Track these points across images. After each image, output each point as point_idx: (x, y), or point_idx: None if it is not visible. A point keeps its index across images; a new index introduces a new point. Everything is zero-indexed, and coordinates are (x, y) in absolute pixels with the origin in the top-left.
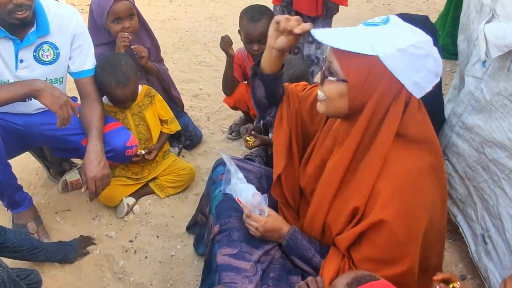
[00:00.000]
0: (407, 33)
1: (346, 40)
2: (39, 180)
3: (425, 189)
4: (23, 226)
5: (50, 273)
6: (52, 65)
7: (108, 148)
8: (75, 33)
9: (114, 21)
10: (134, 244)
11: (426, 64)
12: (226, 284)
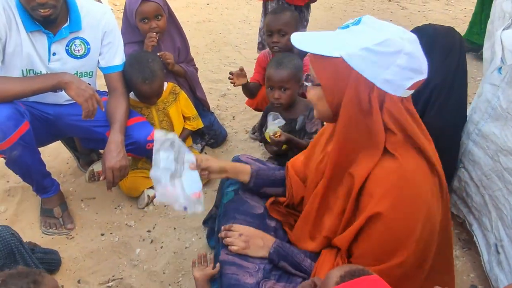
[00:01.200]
0: (375, 32)
1: (315, 44)
2: (69, 169)
3: (418, 183)
4: (49, 211)
5: (71, 255)
6: (83, 60)
7: (130, 140)
8: (105, 30)
9: (141, 21)
10: (151, 234)
11: (396, 61)
12: (227, 275)
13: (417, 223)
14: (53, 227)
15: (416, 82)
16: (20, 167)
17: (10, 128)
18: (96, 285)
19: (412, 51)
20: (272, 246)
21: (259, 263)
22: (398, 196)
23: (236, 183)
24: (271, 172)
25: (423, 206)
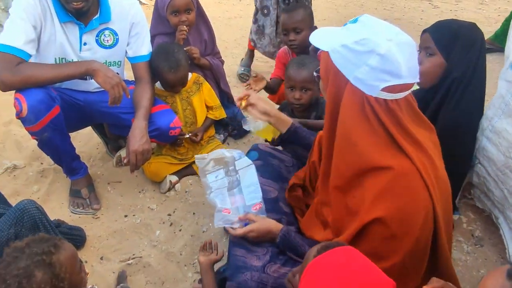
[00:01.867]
0: (361, 30)
1: (317, 37)
2: (98, 154)
3: (412, 186)
4: (78, 192)
5: (96, 234)
6: (112, 49)
7: (153, 127)
8: (133, 21)
9: (172, 14)
10: (171, 217)
11: (367, 60)
12: (236, 256)
13: (415, 225)
14: (80, 207)
15: (396, 85)
16: (51, 149)
17: (42, 111)
18: (117, 262)
19: (386, 53)
20: (279, 235)
21: (268, 246)
22: (393, 199)
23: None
24: (307, 135)
25: (420, 208)
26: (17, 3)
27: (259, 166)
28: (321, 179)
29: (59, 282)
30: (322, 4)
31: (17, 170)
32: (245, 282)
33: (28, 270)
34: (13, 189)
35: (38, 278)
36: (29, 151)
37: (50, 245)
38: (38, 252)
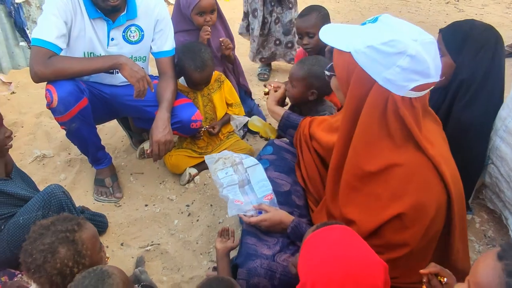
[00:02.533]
0: (387, 30)
1: (333, 36)
2: (123, 146)
3: (426, 181)
4: (102, 181)
5: (117, 221)
6: (138, 45)
7: (175, 119)
8: (158, 18)
9: (198, 14)
10: (189, 208)
11: (398, 61)
12: (247, 244)
13: (427, 217)
14: (104, 195)
15: (423, 84)
16: (78, 138)
17: (71, 102)
18: (137, 248)
19: (416, 54)
20: (290, 225)
21: (279, 237)
22: (409, 195)
23: (265, 164)
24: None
25: (433, 202)
26: (50, 1)
27: (273, 160)
28: (332, 176)
29: (80, 259)
30: (346, 6)
31: (46, 159)
32: (254, 269)
33: (52, 246)
34: (42, 176)
35: (61, 253)
36: (58, 141)
37: (73, 224)
38: (62, 230)
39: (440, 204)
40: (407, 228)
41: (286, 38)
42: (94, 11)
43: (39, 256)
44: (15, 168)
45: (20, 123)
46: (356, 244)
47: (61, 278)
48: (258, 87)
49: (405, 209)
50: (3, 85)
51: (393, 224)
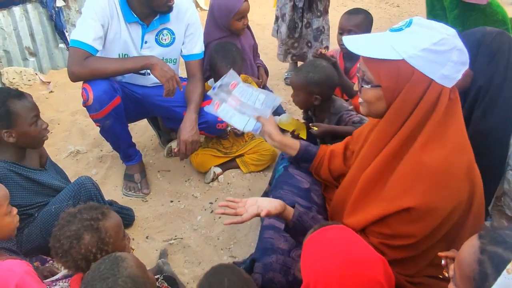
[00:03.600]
0: (429, 32)
1: (372, 48)
2: (152, 145)
3: (450, 182)
4: (131, 176)
5: (143, 215)
6: (169, 48)
7: (202, 120)
8: (189, 22)
9: (238, 19)
10: (212, 205)
11: (451, 57)
12: (265, 239)
13: (439, 217)
14: (132, 190)
15: (463, 73)
16: (111, 135)
17: (105, 100)
18: (161, 242)
19: (462, 47)
20: (292, 220)
21: None
22: (430, 192)
23: (286, 162)
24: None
25: (449, 202)
26: (88, 5)
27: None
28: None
29: (104, 245)
30: (376, 14)
31: (79, 154)
32: (270, 264)
33: (78, 232)
34: (75, 171)
35: (86, 240)
36: (91, 138)
37: (98, 213)
38: (88, 218)
39: (456, 204)
40: (415, 222)
41: (315, 43)
42: (131, 15)
43: (66, 241)
44: (49, 160)
45: (56, 121)
46: (353, 241)
47: (85, 263)
48: (285, 91)
49: (414, 204)
50: (43, 85)
51: (401, 216)
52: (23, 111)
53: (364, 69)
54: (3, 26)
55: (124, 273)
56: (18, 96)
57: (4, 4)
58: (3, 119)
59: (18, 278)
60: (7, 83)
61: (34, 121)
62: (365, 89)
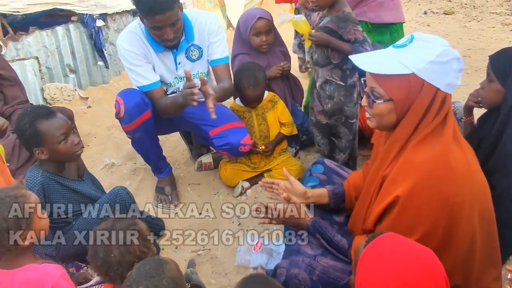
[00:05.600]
0: (431, 45)
1: (383, 66)
2: (183, 159)
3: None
4: (162, 189)
5: (173, 226)
6: (199, 61)
7: (225, 141)
8: (209, 33)
9: (254, 35)
10: (239, 219)
11: (452, 66)
12: (291, 245)
13: (432, 212)
14: (163, 202)
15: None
16: (141, 147)
17: (135, 114)
18: (189, 252)
19: (458, 55)
20: (310, 220)
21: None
22: (417, 183)
23: (315, 181)
24: (342, 189)
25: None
26: (124, 57)
27: (322, 180)
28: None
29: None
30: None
31: (114, 167)
32: (296, 262)
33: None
34: (110, 183)
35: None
36: (125, 152)
37: (131, 223)
38: (125, 226)
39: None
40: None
41: None
42: (158, 45)
43: (117, 253)
44: (86, 172)
45: (93, 134)
46: (408, 243)
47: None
48: None
49: (401, 192)
50: (81, 100)
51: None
52: (50, 130)
53: (373, 85)
54: (47, 44)
55: (168, 274)
56: (46, 115)
57: (48, 24)
58: (33, 139)
59: (54, 281)
60: (48, 98)
61: (62, 138)
62: (377, 104)
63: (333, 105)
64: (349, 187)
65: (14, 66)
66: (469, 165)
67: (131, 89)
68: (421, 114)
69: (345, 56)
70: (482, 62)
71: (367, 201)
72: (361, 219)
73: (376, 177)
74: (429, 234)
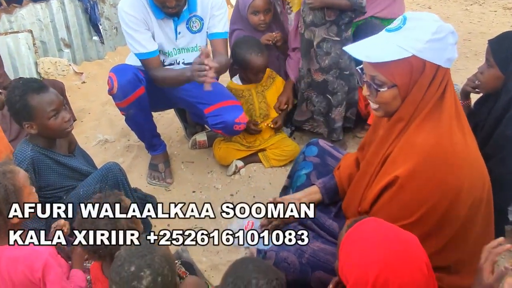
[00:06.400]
0: (425, 23)
1: (381, 53)
2: (177, 137)
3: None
4: (155, 166)
5: (166, 204)
6: (199, 33)
7: (219, 120)
8: (212, 5)
9: (253, 13)
10: (233, 197)
11: (449, 41)
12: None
13: (430, 195)
14: (156, 179)
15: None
16: (135, 124)
17: (129, 90)
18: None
19: (452, 29)
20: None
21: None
22: (417, 165)
23: (308, 167)
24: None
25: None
26: (124, 21)
27: (316, 164)
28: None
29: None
30: None
31: (107, 143)
32: (285, 245)
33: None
34: (103, 159)
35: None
36: (119, 128)
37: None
38: (114, 202)
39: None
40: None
41: None
42: (160, 12)
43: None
44: (77, 147)
45: (87, 110)
46: (391, 229)
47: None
48: None
49: (400, 173)
50: (76, 75)
51: (391, 189)
52: (41, 105)
53: (374, 74)
54: (41, 17)
55: (160, 252)
56: (38, 89)
57: None
58: (23, 112)
59: (43, 261)
60: (43, 73)
61: (52, 114)
62: (381, 92)
63: (329, 60)
64: (341, 177)
65: (7, 39)
66: (468, 148)
67: (124, 65)
68: (423, 93)
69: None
70: (482, 46)
71: (364, 182)
72: (356, 201)
73: (376, 158)
74: (424, 217)
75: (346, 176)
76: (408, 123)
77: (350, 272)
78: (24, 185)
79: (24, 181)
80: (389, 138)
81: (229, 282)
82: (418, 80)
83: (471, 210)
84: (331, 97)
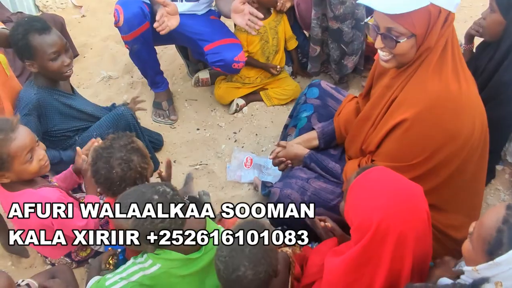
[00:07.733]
0: None
1: (403, 4)
2: (180, 74)
3: (454, 110)
4: (159, 103)
5: (171, 141)
6: None
7: (219, 58)
8: None
9: None
10: (236, 135)
11: None
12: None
13: (435, 139)
14: (161, 117)
15: None
16: (139, 60)
17: (134, 24)
18: (187, 166)
19: None
20: (307, 153)
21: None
22: (426, 109)
23: (309, 110)
24: (330, 125)
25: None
26: None
27: (317, 106)
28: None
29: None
30: None
31: (111, 80)
32: (289, 184)
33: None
34: (107, 96)
35: (135, 161)
36: (122, 64)
37: (129, 138)
38: (126, 143)
39: (455, 135)
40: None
41: None
42: None
43: (119, 169)
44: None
45: (89, 45)
46: (396, 177)
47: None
48: None
49: (408, 115)
50: (75, 8)
51: (396, 131)
52: (42, 46)
53: (391, 25)
54: None
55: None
56: (40, 30)
57: None
58: (25, 51)
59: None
60: (41, 6)
61: (53, 57)
62: (401, 44)
63: (344, 9)
64: (339, 122)
65: None
66: (471, 94)
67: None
68: (436, 39)
69: None
70: None
71: (369, 124)
72: (359, 140)
73: (381, 100)
74: (427, 159)
75: (344, 121)
76: (417, 68)
77: (355, 215)
78: (17, 154)
79: (17, 150)
80: (395, 82)
81: (224, 255)
82: (434, 28)
83: (469, 153)
84: (345, 47)
